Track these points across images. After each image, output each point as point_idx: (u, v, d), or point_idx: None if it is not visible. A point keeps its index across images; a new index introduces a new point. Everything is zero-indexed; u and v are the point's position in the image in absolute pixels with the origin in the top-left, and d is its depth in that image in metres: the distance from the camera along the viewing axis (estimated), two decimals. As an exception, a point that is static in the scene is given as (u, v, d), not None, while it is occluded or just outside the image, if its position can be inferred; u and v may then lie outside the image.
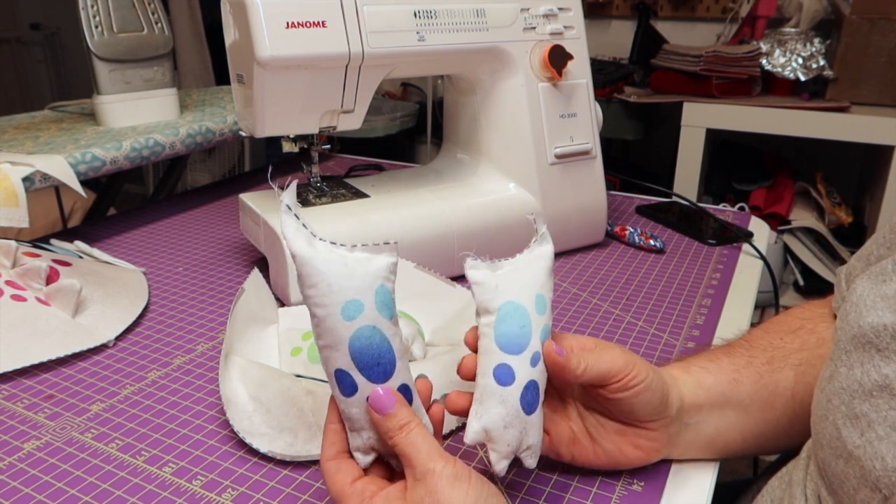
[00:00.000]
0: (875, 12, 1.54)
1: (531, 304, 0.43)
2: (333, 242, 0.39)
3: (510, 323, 0.42)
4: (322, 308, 0.38)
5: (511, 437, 0.41)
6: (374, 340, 0.39)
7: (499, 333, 0.42)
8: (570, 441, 0.46)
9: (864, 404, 0.36)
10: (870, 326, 0.37)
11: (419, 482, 0.37)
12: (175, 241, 0.91)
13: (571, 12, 0.82)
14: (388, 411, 0.38)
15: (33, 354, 0.60)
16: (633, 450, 0.46)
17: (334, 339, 0.38)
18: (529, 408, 0.41)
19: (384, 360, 0.39)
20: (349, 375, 0.39)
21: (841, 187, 1.77)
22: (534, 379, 0.42)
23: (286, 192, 0.39)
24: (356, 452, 0.40)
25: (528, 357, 0.42)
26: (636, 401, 0.43)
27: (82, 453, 0.50)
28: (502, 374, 0.41)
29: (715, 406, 0.47)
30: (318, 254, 0.39)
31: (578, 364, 0.42)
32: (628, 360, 0.43)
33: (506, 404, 0.41)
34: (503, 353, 0.41)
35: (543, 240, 0.45)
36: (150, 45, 1.01)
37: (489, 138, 0.84)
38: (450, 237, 0.76)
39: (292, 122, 0.72)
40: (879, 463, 0.34)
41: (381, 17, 0.70)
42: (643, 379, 0.43)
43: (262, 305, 0.63)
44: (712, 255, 0.86)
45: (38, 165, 0.81)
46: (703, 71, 1.59)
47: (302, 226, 0.39)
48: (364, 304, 0.38)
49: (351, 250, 0.39)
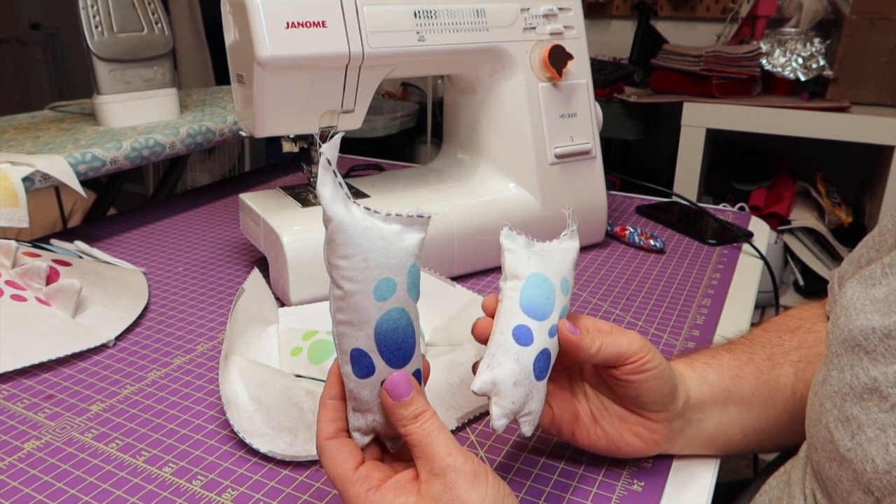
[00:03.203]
0: (875, 12, 1.54)
1: (558, 282, 0.44)
2: (367, 208, 0.36)
3: (537, 291, 0.43)
4: (353, 283, 0.36)
5: (517, 396, 0.41)
6: (401, 324, 0.37)
7: (524, 297, 0.42)
8: (572, 419, 0.47)
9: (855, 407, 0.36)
10: (859, 329, 0.37)
11: (437, 477, 0.35)
12: (175, 241, 0.91)
13: (571, 12, 0.82)
14: (405, 399, 0.37)
15: (33, 354, 0.60)
16: (632, 437, 0.46)
17: (360, 317, 0.36)
18: (540, 374, 0.42)
19: (406, 345, 0.37)
20: (368, 357, 0.37)
21: (841, 187, 1.77)
22: (548, 348, 0.42)
23: (327, 145, 0.35)
24: (355, 433, 0.38)
25: (547, 326, 0.42)
26: (645, 386, 0.44)
27: (82, 453, 0.50)
28: (521, 335, 0.41)
29: (718, 402, 0.47)
30: (355, 221, 0.36)
31: (592, 343, 0.43)
32: (644, 345, 0.43)
33: (520, 363, 0.41)
34: (526, 315, 0.42)
35: (573, 235, 0.47)
36: (150, 45, 1.01)
37: (489, 138, 0.84)
38: (450, 237, 0.76)
39: (292, 122, 0.72)
40: (870, 465, 0.34)
41: (381, 17, 0.70)
42: (656, 366, 0.43)
43: (262, 305, 0.63)
44: (712, 255, 0.86)
45: (38, 165, 0.81)
46: (703, 71, 1.59)
47: (339, 185, 0.36)
48: (397, 283, 0.36)
49: (385, 220, 0.37)
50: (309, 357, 0.57)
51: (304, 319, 0.64)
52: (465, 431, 0.53)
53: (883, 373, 0.35)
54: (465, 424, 0.54)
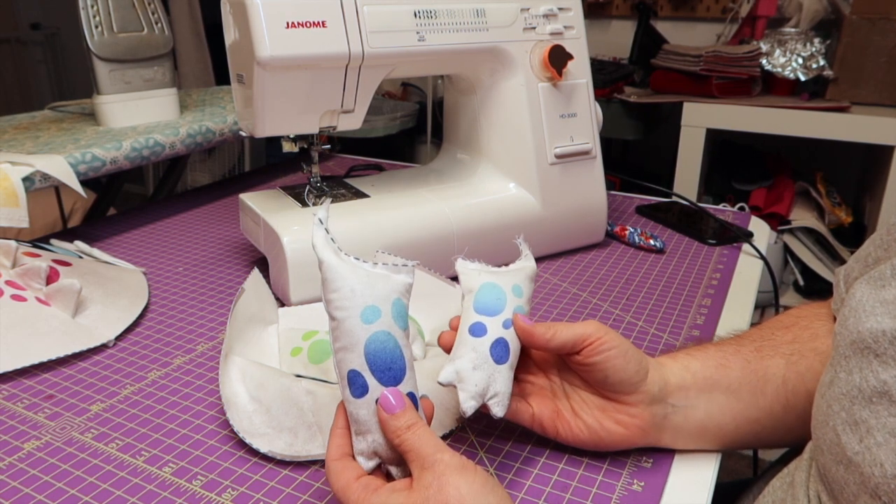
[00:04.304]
0: (875, 12, 1.54)
1: (508, 288, 0.49)
2: (357, 258, 0.43)
3: (487, 294, 0.49)
4: (343, 311, 0.41)
5: (479, 378, 0.45)
6: (388, 345, 0.41)
7: (476, 300, 0.48)
8: (553, 414, 0.49)
9: (864, 410, 0.35)
10: (868, 332, 0.37)
11: (427, 470, 0.38)
12: (175, 241, 0.91)
13: (571, 12, 0.82)
14: (397, 411, 0.40)
15: (33, 354, 0.60)
16: (614, 425, 0.47)
17: (351, 340, 0.40)
18: (499, 358, 0.46)
19: (395, 366, 0.41)
20: (361, 376, 0.40)
21: (841, 187, 1.77)
22: (504, 337, 0.47)
23: (320, 208, 0.44)
24: (359, 456, 0.41)
25: (500, 320, 0.47)
26: (609, 366, 0.46)
27: (82, 453, 0.50)
28: (476, 329, 0.47)
29: (703, 389, 0.48)
30: (343, 263, 0.42)
31: (546, 331, 0.46)
32: (599, 328, 0.46)
33: (476, 351, 0.46)
34: (478, 314, 0.48)
35: (527, 258, 0.52)
36: (150, 45, 1.01)
37: (489, 138, 0.84)
38: (450, 237, 0.76)
39: (292, 122, 0.72)
40: (878, 469, 0.34)
41: (381, 17, 0.70)
42: (615, 345, 0.46)
43: (262, 305, 0.63)
44: (712, 255, 0.86)
45: (38, 165, 0.81)
46: (703, 71, 1.59)
47: (331, 239, 0.43)
48: (381, 310, 0.41)
49: (373, 267, 0.43)
50: (309, 357, 0.57)
51: (304, 319, 0.64)
52: (466, 432, 0.53)
53: (893, 376, 0.34)
54: (465, 424, 0.54)
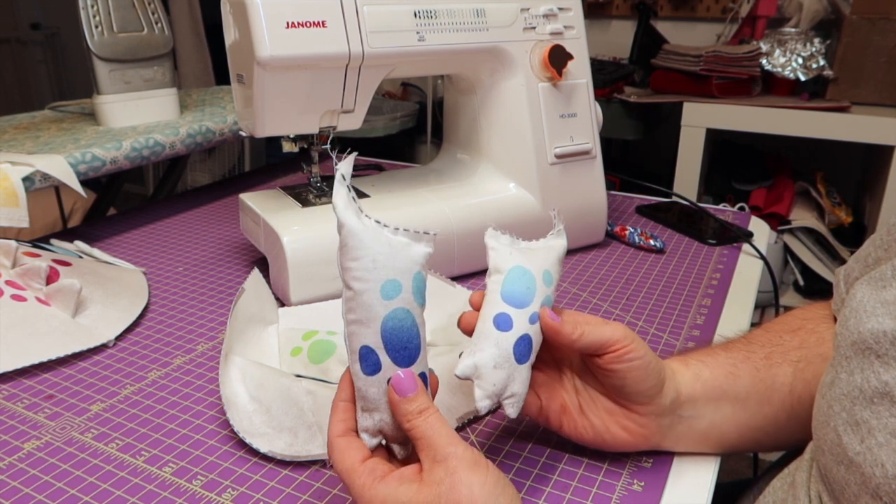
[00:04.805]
0: (875, 12, 1.54)
1: (539, 274, 0.46)
2: (378, 222, 0.40)
3: (517, 282, 0.45)
4: (362, 282, 0.38)
5: (498, 378, 0.43)
6: (406, 323, 0.39)
7: (505, 288, 0.44)
8: (560, 409, 0.48)
9: (865, 411, 0.35)
10: (869, 332, 0.37)
11: (439, 464, 0.37)
12: (175, 241, 0.91)
13: (571, 12, 0.82)
14: (410, 394, 0.38)
15: (33, 354, 0.60)
16: (619, 430, 0.47)
17: (368, 315, 0.38)
18: (521, 357, 0.43)
19: (411, 345, 0.39)
20: (375, 354, 0.39)
21: (841, 187, 1.77)
22: (529, 334, 0.44)
23: (343, 162, 0.40)
24: (363, 433, 0.40)
25: (527, 313, 0.44)
26: (629, 376, 0.44)
27: (82, 453, 0.50)
28: (502, 322, 0.43)
29: (711, 399, 0.47)
30: (366, 230, 0.39)
31: (573, 329, 0.44)
32: (627, 334, 0.44)
33: (499, 347, 0.43)
34: (506, 304, 0.44)
35: (560, 234, 0.49)
36: (150, 45, 1.01)
37: (489, 138, 0.84)
38: (450, 237, 0.76)
39: (292, 122, 0.72)
40: (879, 470, 0.34)
41: (381, 17, 0.70)
42: (640, 356, 0.44)
43: (262, 305, 0.63)
44: (712, 255, 0.86)
45: (38, 165, 0.81)
46: (704, 71, 1.59)
47: (352, 199, 0.39)
48: (402, 286, 0.39)
49: (394, 233, 0.40)
50: (309, 357, 0.57)
51: (304, 319, 0.64)
52: (466, 432, 0.53)
53: (894, 377, 0.34)
54: (465, 424, 0.54)
